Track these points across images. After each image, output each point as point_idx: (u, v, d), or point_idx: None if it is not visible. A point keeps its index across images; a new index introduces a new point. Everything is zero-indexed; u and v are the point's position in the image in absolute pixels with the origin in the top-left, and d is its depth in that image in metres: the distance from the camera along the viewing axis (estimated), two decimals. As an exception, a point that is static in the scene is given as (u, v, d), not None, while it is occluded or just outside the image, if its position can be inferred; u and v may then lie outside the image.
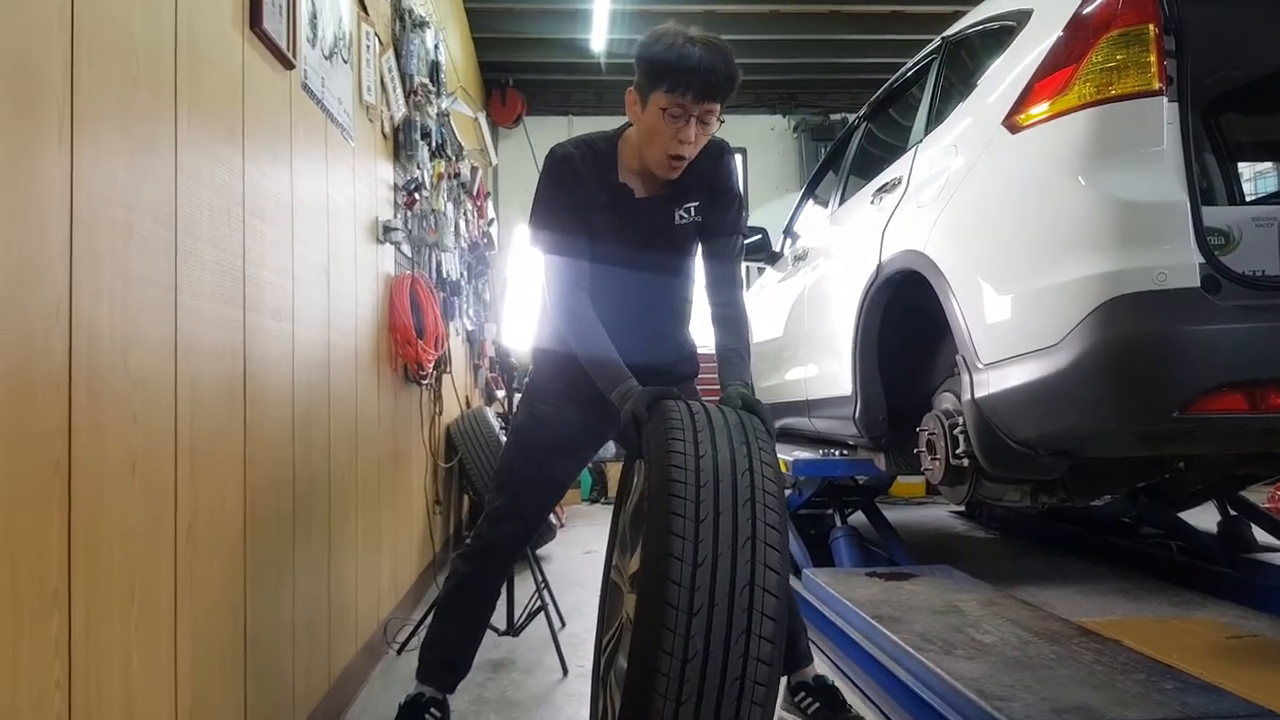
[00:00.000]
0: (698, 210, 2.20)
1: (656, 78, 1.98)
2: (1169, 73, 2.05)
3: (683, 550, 1.49)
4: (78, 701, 1.28)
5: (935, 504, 6.14)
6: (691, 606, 1.46)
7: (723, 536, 1.52)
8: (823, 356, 3.58)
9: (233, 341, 1.89)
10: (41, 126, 1.22)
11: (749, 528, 1.54)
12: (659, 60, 1.98)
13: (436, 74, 4.31)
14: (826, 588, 2.99)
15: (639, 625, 1.52)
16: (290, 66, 2.26)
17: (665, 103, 1.98)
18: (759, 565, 1.51)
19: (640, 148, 2.11)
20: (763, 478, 1.61)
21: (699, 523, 1.52)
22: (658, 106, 2.00)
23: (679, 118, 2.00)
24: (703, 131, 2.05)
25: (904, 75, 3.60)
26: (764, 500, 1.58)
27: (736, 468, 1.60)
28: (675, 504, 1.54)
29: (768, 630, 1.49)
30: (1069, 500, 2.64)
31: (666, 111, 1.99)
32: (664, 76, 1.97)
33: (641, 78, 2.03)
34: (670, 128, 2.01)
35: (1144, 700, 1.86)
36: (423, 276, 4.01)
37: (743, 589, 1.49)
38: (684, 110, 1.99)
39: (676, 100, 1.97)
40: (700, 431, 1.65)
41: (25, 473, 1.17)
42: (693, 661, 1.45)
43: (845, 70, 8.38)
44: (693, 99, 1.97)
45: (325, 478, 2.60)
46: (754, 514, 1.56)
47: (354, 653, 2.90)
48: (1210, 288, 1.93)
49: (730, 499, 1.56)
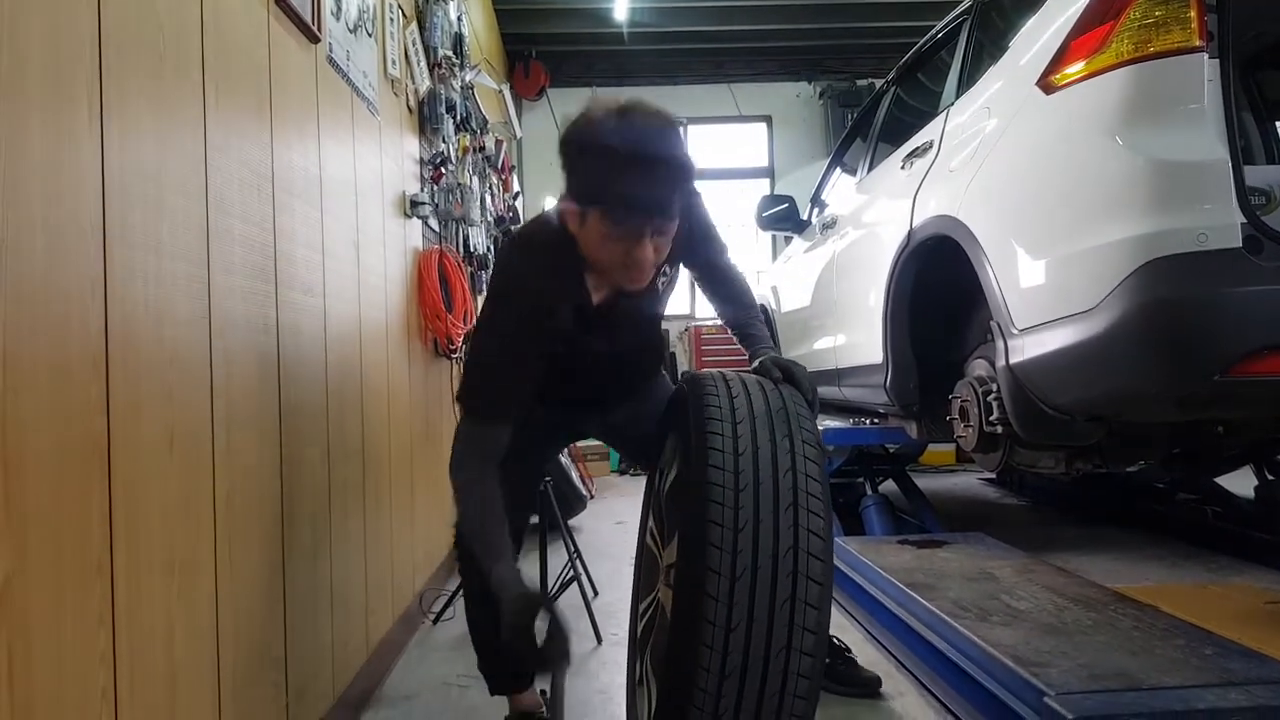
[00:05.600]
0: (674, 266, 1.96)
1: (589, 201, 1.66)
2: (1209, 28, 2.00)
3: (720, 563, 1.45)
4: (123, 673, 1.30)
5: (966, 471, 6.12)
6: (729, 620, 1.44)
7: (763, 548, 1.46)
8: (852, 325, 3.55)
9: (265, 317, 1.90)
10: (73, 103, 1.22)
11: (790, 536, 1.48)
12: (588, 183, 1.66)
13: (460, 46, 4.29)
14: (859, 556, 2.98)
15: (676, 634, 1.50)
16: (315, 40, 2.25)
17: (607, 229, 1.65)
18: (800, 576, 1.48)
19: (595, 263, 1.76)
20: (806, 477, 1.54)
21: (738, 532, 1.46)
22: (600, 229, 1.66)
23: (625, 239, 1.66)
24: (662, 243, 1.70)
25: (934, 38, 3.55)
26: (808, 504, 1.52)
27: (779, 467, 1.53)
28: (713, 510, 1.48)
29: (808, 644, 1.47)
30: (1104, 467, 2.61)
31: (609, 236, 1.66)
32: (597, 203, 1.64)
33: (571, 187, 1.70)
34: (619, 247, 1.67)
35: (1183, 666, 1.85)
36: (450, 250, 4.01)
37: (783, 602, 1.46)
38: (630, 232, 1.65)
39: (618, 228, 1.64)
40: (740, 423, 1.58)
41: (67, 448, 1.18)
42: (730, 678, 1.43)
43: (872, 35, 8.24)
44: (639, 222, 1.64)
45: (359, 450, 2.62)
46: (796, 520, 1.50)
47: (390, 623, 2.93)
48: (1252, 248, 1.89)
49: (771, 504, 1.49)
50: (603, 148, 1.60)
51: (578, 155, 1.66)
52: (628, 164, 1.57)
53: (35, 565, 1.11)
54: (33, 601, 1.10)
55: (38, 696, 1.11)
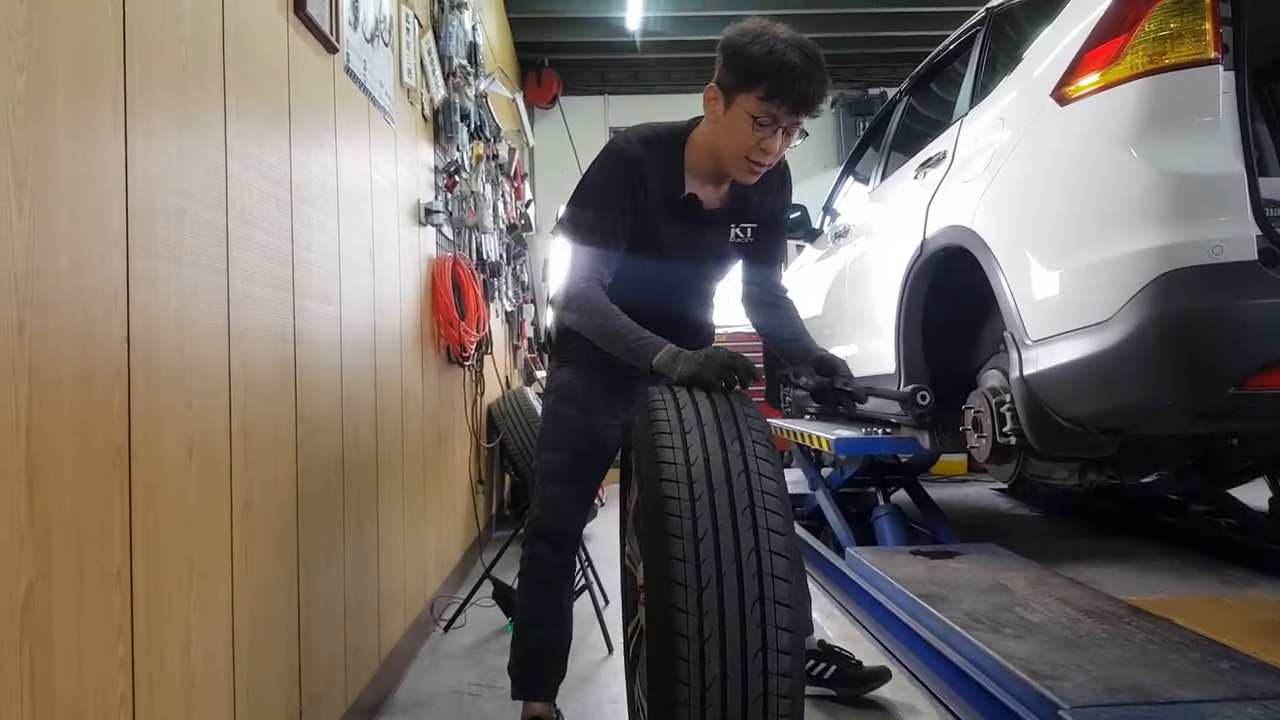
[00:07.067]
0: (753, 233, 2.16)
1: (749, 80, 1.84)
2: (1224, 40, 2.00)
3: (684, 575, 1.44)
4: (141, 680, 1.31)
5: (978, 481, 6.09)
6: (701, 631, 1.43)
7: (725, 554, 1.45)
8: (865, 334, 3.55)
9: (283, 325, 1.91)
10: (98, 116, 1.23)
11: (750, 538, 1.47)
12: (755, 61, 1.83)
13: (474, 55, 4.31)
14: (871, 566, 2.97)
15: (652, 649, 1.49)
16: (333, 50, 2.27)
17: (755, 109, 1.85)
18: (766, 576, 1.46)
19: (715, 147, 1.99)
20: (760, 476, 1.53)
21: (698, 542, 1.46)
22: (745, 110, 1.87)
23: (767, 126, 1.87)
24: (786, 143, 1.94)
25: (947, 48, 3.55)
26: (764, 503, 1.51)
27: (731, 471, 1.53)
28: (671, 524, 1.48)
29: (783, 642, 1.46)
30: (1118, 478, 2.60)
31: (755, 119, 1.86)
32: (758, 81, 1.83)
33: (728, 76, 1.89)
34: (755, 135, 1.88)
35: (1199, 680, 1.83)
36: (464, 258, 4.03)
37: (753, 605, 1.45)
38: (773, 120, 1.86)
39: (769, 109, 1.84)
40: (689, 433, 1.58)
41: (89, 456, 1.19)
42: (711, 688, 1.41)
43: (884, 44, 8.25)
44: (786, 110, 1.85)
45: (373, 458, 2.63)
46: (755, 522, 1.49)
47: (402, 631, 2.93)
48: (1268, 260, 1.88)
49: (728, 509, 1.49)
50: (774, 38, 1.83)
51: (743, 44, 1.86)
52: (794, 54, 1.81)
53: (58, 573, 1.12)
54: (55, 609, 1.11)
55: (59, 702, 1.12)
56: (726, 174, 2.03)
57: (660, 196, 2.02)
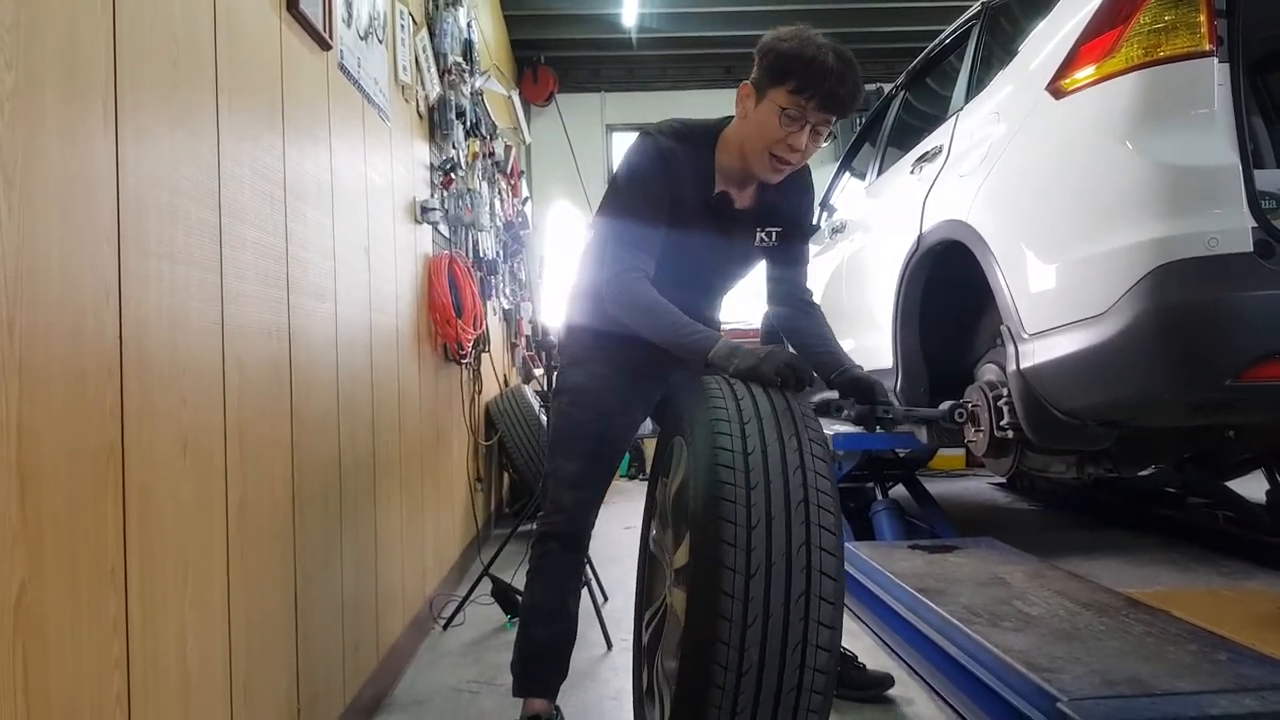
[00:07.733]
0: (778, 236, 2.17)
1: (782, 74, 1.89)
2: (1219, 32, 2.00)
3: (735, 560, 1.45)
4: (136, 679, 1.31)
5: (976, 476, 6.08)
6: (745, 618, 1.44)
7: (775, 544, 1.47)
8: (862, 329, 3.54)
9: (277, 323, 1.91)
10: (87, 111, 1.23)
11: (802, 532, 1.48)
12: (788, 56, 1.89)
13: (470, 52, 4.31)
14: (869, 561, 2.96)
15: (691, 630, 1.50)
16: (327, 47, 2.26)
17: (785, 102, 1.90)
18: (814, 571, 1.47)
19: (743, 145, 2.01)
20: (815, 474, 1.55)
21: (750, 529, 1.47)
22: (776, 104, 1.91)
23: (795, 120, 1.91)
24: (813, 143, 1.97)
25: (942, 43, 3.54)
26: (818, 501, 1.52)
27: (788, 465, 1.54)
28: (725, 509, 1.48)
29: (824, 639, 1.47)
30: (1116, 471, 2.60)
31: (784, 112, 1.90)
32: (790, 75, 1.88)
33: (763, 72, 1.94)
34: (783, 130, 1.92)
35: (1197, 671, 1.83)
36: (460, 256, 4.02)
37: (798, 597, 1.46)
38: (802, 114, 1.90)
39: (798, 102, 1.89)
40: (748, 424, 1.59)
41: (81, 454, 1.19)
42: (747, 675, 1.42)
43: (879, 39, 8.23)
44: (815, 106, 1.89)
45: (370, 456, 2.62)
46: (807, 517, 1.50)
47: (401, 629, 2.93)
48: (1263, 252, 1.88)
49: (783, 501, 1.50)
50: (810, 39, 1.91)
51: (778, 43, 1.92)
52: (828, 54, 1.88)
53: (51, 571, 1.12)
54: (48, 607, 1.11)
55: (54, 701, 1.12)
56: (752, 175, 2.05)
57: (692, 192, 2.05)
